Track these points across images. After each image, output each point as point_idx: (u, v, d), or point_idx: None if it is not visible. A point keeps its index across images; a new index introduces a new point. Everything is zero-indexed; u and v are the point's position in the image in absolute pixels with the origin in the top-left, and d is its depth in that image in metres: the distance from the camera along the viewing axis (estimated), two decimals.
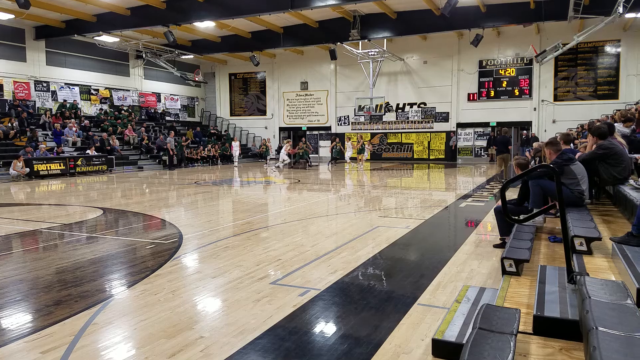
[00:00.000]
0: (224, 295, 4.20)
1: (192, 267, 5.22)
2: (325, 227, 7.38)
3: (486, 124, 24.56)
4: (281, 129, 29.44)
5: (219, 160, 25.10)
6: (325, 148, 28.03)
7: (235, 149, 23.72)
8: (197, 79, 27.25)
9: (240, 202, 10.57)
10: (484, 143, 24.65)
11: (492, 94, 24.18)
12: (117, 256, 5.59)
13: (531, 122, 23.65)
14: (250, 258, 5.42)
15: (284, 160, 20.91)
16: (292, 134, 30.09)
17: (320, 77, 27.74)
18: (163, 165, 21.95)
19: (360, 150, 21.36)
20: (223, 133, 29.46)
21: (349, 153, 21.30)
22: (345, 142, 21.94)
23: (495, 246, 5.70)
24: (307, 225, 7.48)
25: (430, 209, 9.02)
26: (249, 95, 30.06)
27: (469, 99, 24.68)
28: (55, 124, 20.47)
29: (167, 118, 27.96)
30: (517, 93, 23.78)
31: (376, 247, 5.93)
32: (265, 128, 29.47)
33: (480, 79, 24.36)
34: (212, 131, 28.44)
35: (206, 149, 24.74)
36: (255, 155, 28.69)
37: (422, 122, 25.84)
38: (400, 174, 19.08)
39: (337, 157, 22.36)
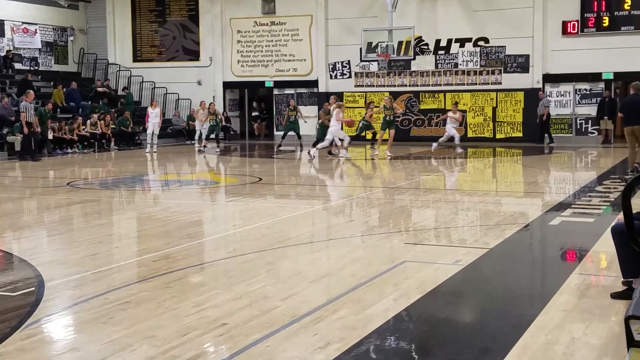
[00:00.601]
0: None
1: (63, 339, 5.14)
2: (308, 264, 7.34)
3: (596, 76, 24.79)
4: (227, 85, 29.31)
5: (112, 143, 24.92)
6: (309, 121, 28.02)
7: (153, 121, 23.53)
8: None
9: (154, 219, 10.49)
10: (592, 110, 24.86)
11: (606, 22, 24.39)
12: None
13: None
14: (171, 322, 5.37)
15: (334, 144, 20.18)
16: (248, 93, 29.94)
17: None
18: (9, 152, 21.70)
19: (389, 123, 20.24)
20: (121, 93, 29.18)
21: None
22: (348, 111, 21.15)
23: (615, 296, 5.73)
24: (276, 261, 7.45)
25: (499, 230, 9.03)
26: (168, 24, 29.85)
27: (564, 32, 24.88)
28: None
29: (17, 66, 27.63)
30: None
31: (401, 299, 5.91)
32: (199, 84, 29.36)
33: None
34: (101, 90, 28.19)
35: (89, 122, 24.53)
36: (180, 132, 28.46)
37: (481, 74, 25.97)
38: (443, 165, 19.11)
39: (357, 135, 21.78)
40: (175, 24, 29.72)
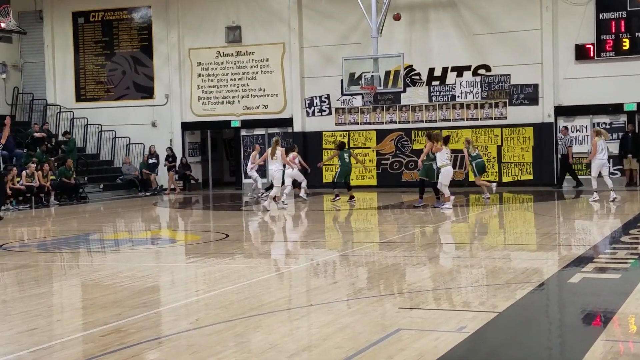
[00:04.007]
0: None
1: None
2: (285, 335, 7.30)
3: (617, 108, 25.06)
4: (186, 127, 29.42)
5: (52, 197, 24.77)
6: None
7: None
8: (4, 25, 27.03)
9: (102, 286, 10.38)
10: (614, 147, 24.93)
11: (626, 45, 24.74)
12: None
13: None
14: None
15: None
16: (211, 134, 29.99)
17: (268, 19, 28.12)
18: None
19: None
20: (62, 138, 29.14)
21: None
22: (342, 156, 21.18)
23: None
24: (246, 332, 7.40)
25: (509, 290, 9.02)
26: (117, 57, 30.03)
27: (578, 58, 25.19)
28: None
29: None
30: None
31: None
32: (153, 125, 29.44)
33: (600, 16, 24.97)
34: (38, 135, 28.11)
35: (24, 173, 24.40)
36: (132, 183, 28.30)
37: (483, 107, 26.21)
38: (440, 215, 19.13)
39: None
40: (125, 56, 29.86)
